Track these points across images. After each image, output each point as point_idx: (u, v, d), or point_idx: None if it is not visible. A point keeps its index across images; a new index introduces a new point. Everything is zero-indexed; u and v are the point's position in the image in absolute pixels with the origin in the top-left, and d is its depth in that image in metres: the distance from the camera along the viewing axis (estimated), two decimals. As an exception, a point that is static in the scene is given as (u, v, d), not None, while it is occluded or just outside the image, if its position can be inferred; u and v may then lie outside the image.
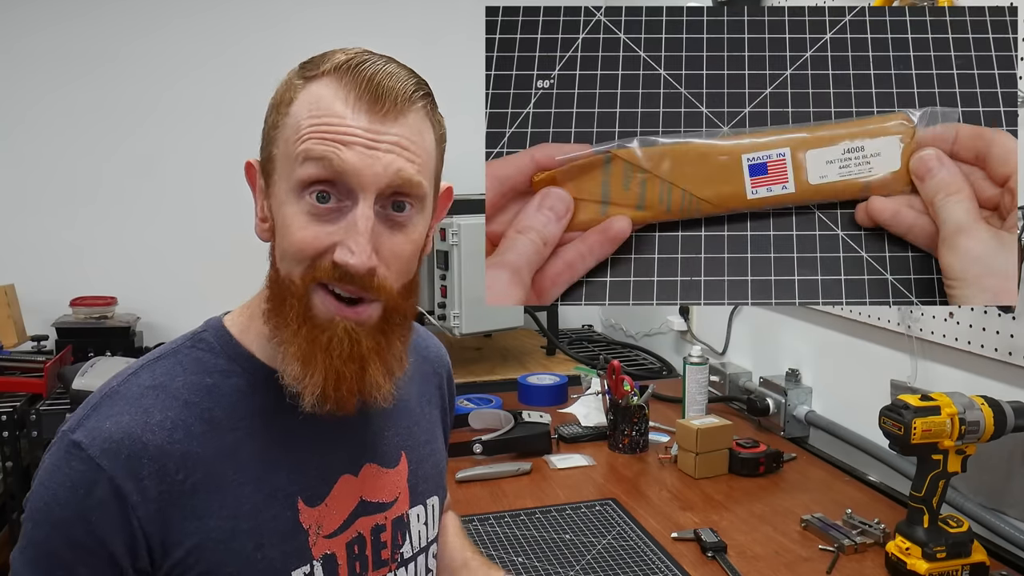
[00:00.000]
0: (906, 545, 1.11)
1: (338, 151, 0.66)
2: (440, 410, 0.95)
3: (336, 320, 0.68)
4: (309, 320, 0.69)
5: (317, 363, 0.68)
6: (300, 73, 0.71)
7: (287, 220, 0.68)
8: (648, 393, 1.65)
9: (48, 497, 0.65)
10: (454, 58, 2.39)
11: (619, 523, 1.32)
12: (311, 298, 0.69)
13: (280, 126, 0.70)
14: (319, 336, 0.68)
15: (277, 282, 0.71)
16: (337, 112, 0.67)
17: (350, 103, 0.67)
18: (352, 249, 0.66)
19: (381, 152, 0.67)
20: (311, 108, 0.68)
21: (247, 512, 0.70)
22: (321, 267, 0.68)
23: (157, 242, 2.53)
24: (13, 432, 1.88)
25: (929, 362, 1.40)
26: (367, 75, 0.67)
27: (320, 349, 0.68)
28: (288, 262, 0.69)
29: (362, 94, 0.67)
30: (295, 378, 0.68)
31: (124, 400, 0.69)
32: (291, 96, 0.70)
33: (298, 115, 0.68)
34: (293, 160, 0.67)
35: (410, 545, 0.83)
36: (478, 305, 2.02)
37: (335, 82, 0.68)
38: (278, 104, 0.71)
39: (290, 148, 0.68)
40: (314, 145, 0.66)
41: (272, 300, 0.71)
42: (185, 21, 2.50)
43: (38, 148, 2.43)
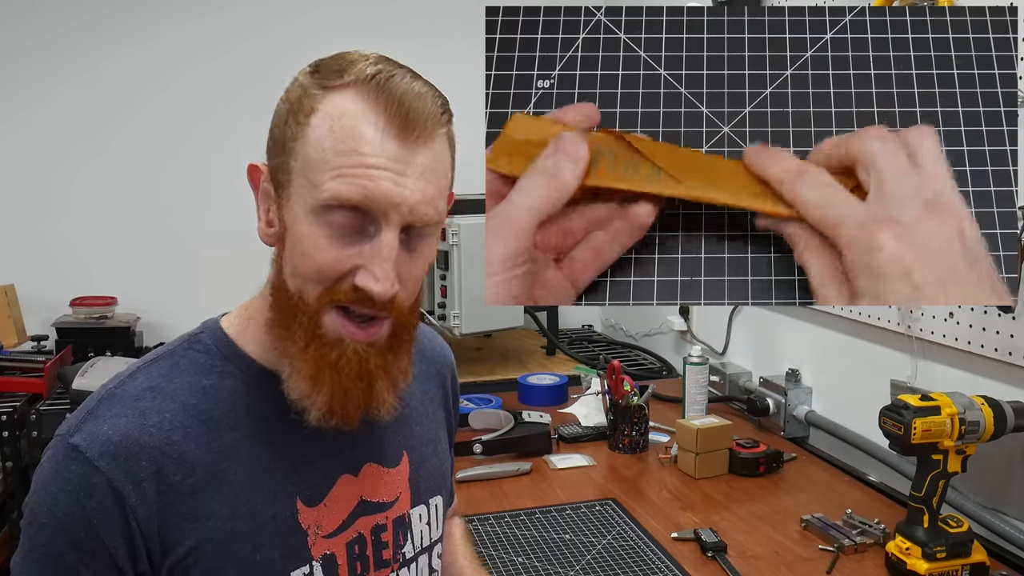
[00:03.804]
0: (906, 545, 1.11)
1: (368, 180, 0.64)
2: (444, 410, 0.94)
3: (346, 341, 0.68)
4: (318, 338, 0.68)
5: (325, 381, 0.68)
6: (318, 81, 0.67)
7: (304, 239, 0.66)
8: (648, 393, 1.65)
9: (48, 501, 0.65)
10: (454, 58, 2.39)
11: (619, 523, 1.32)
12: (322, 318, 0.68)
13: (299, 138, 0.66)
14: (328, 354, 0.68)
15: (285, 295, 0.69)
16: (366, 137, 0.64)
17: (380, 127, 0.65)
18: (377, 276, 0.66)
19: (409, 180, 0.66)
20: (336, 127, 0.65)
21: (246, 512, 0.70)
22: (340, 290, 0.67)
23: (157, 242, 2.53)
24: (13, 432, 1.88)
25: (929, 362, 1.40)
26: (396, 96, 0.65)
27: (328, 367, 0.68)
28: (302, 280, 0.68)
29: (392, 118, 0.65)
30: (302, 395, 0.68)
31: (121, 402, 0.69)
32: (311, 106, 0.66)
33: (321, 132, 0.65)
34: (316, 181, 0.65)
35: (412, 545, 0.83)
36: (478, 305, 2.02)
37: (361, 99, 0.65)
38: (294, 112, 0.67)
39: (313, 167, 0.65)
40: (343, 172, 0.64)
41: (278, 312, 0.70)
42: (186, 20, 2.50)
43: (38, 148, 2.43)
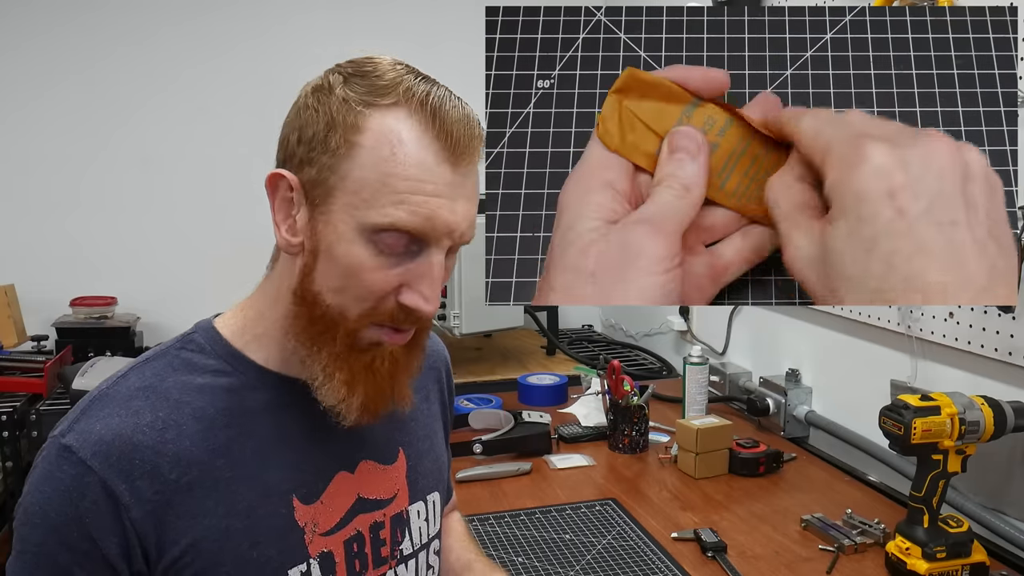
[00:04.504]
0: (906, 545, 1.11)
1: (427, 209, 0.66)
2: (440, 404, 0.95)
3: (384, 344, 0.71)
4: (355, 347, 0.70)
5: (360, 384, 0.70)
6: (358, 95, 0.67)
7: (351, 259, 0.67)
8: (648, 393, 1.65)
9: (41, 502, 0.65)
10: (450, 59, 2.39)
11: (619, 523, 1.32)
12: (362, 331, 0.70)
13: (347, 157, 0.66)
14: (363, 357, 0.70)
15: (319, 309, 0.70)
16: (426, 164, 0.66)
17: (436, 152, 0.66)
18: (426, 296, 0.68)
19: (460, 205, 0.68)
20: (395, 151, 0.65)
21: (242, 510, 0.70)
22: (384, 310, 0.69)
23: (157, 242, 2.53)
24: (13, 432, 1.88)
25: (929, 362, 1.40)
26: (449, 122, 0.67)
27: (364, 369, 0.70)
28: (343, 297, 0.69)
29: (445, 143, 0.66)
30: (338, 399, 0.70)
31: (113, 402, 0.69)
32: (355, 122, 0.66)
33: (378, 155, 0.65)
34: (374, 203, 0.65)
35: (410, 542, 0.83)
36: (478, 305, 2.02)
37: (414, 121, 0.66)
38: (335, 125, 0.66)
39: (369, 189, 0.65)
40: (403, 198, 0.65)
41: (310, 324, 0.70)
42: (188, 19, 2.50)
43: (39, 148, 2.43)
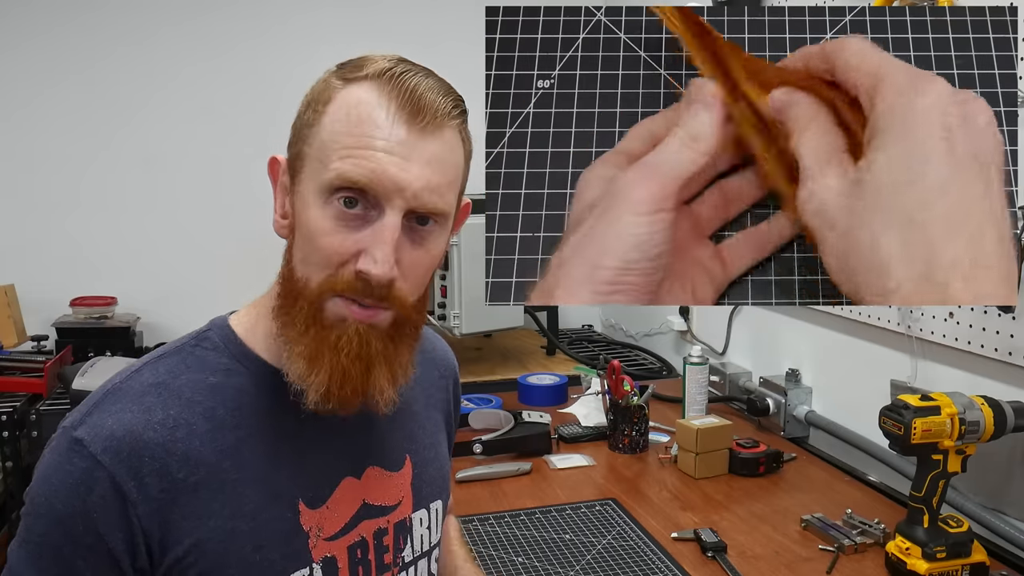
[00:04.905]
0: (906, 545, 1.11)
1: (373, 162, 0.66)
2: (445, 414, 0.94)
3: (348, 321, 0.69)
4: (319, 322, 0.69)
5: (324, 361, 0.68)
6: (339, 74, 0.70)
7: (312, 224, 0.68)
8: (648, 393, 1.65)
9: (49, 493, 0.65)
10: (450, 60, 2.38)
11: (619, 523, 1.32)
12: (325, 303, 0.69)
13: (315, 124, 0.69)
14: (328, 335, 0.68)
15: (291, 281, 0.70)
16: (376, 120, 0.67)
17: (391, 112, 0.67)
18: (376, 258, 0.66)
19: (414, 166, 0.67)
20: (350, 112, 0.67)
21: (248, 512, 0.70)
22: (342, 278, 0.67)
23: (157, 242, 2.52)
24: (13, 432, 1.88)
25: (929, 362, 1.40)
26: (409, 86, 0.67)
27: (328, 347, 0.68)
28: (308, 266, 0.69)
29: (403, 104, 0.67)
30: (300, 376, 0.68)
31: (126, 397, 0.69)
32: (328, 96, 0.69)
33: (335, 117, 0.68)
34: (326, 161, 0.67)
35: (411, 549, 0.83)
36: (478, 305, 2.02)
37: (376, 88, 0.68)
38: (314, 102, 0.70)
39: (324, 149, 0.68)
40: (350, 153, 0.66)
41: (283, 298, 0.71)
42: (188, 19, 2.50)
43: (39, 148, 2.43)
